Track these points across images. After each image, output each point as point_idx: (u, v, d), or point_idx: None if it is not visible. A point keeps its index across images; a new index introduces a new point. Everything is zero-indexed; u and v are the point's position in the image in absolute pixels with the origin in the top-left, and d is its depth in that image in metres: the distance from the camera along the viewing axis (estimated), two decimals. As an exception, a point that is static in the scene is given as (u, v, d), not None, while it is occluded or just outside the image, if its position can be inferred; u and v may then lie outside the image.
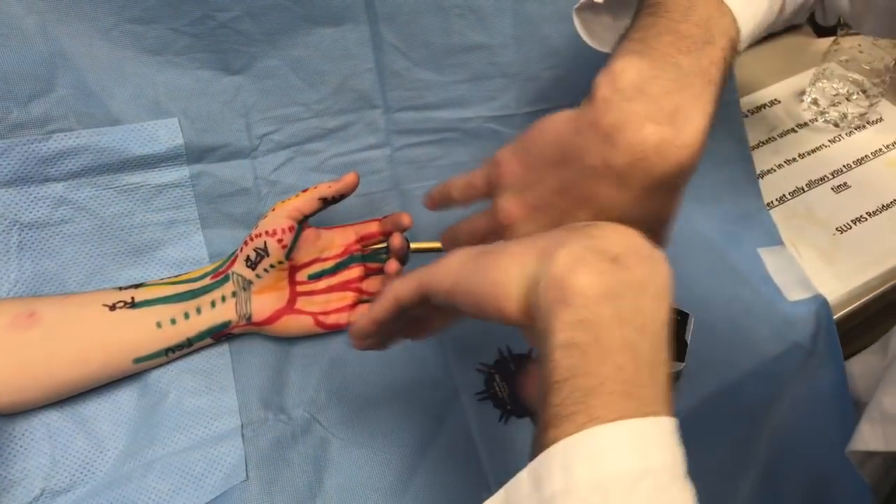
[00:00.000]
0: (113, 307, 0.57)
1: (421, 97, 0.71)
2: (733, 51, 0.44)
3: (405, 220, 0.62)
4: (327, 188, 0.60)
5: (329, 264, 0.64)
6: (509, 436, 0.62)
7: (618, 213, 0.42)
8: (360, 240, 0.65)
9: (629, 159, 0.40)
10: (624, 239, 0.37)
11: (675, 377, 0.63)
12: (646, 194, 0.41)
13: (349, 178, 0.61)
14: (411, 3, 0.66)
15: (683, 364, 0.62)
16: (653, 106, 0.40)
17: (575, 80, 0.72)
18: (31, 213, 0.59)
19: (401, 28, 0.67)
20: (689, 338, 0.64)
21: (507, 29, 0.69)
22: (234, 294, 0.60)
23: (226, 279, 0.60)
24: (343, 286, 0.64)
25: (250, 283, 0.60)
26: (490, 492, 0.34)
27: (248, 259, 0.60)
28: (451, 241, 0.53)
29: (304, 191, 0.61)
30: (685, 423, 0.61)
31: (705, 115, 0.40)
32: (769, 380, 0.66)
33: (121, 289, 0.59)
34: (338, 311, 0.64)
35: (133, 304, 0.58)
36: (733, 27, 0.44)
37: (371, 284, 0.65)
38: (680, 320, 0.65)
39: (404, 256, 0.64)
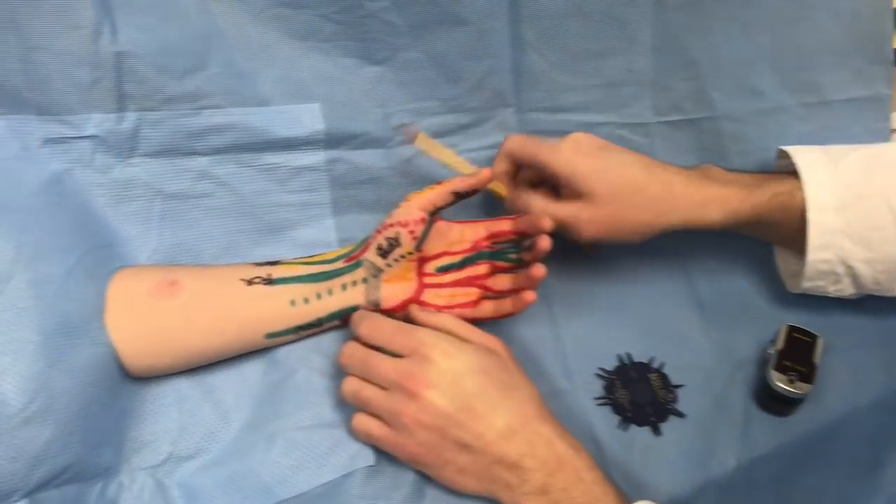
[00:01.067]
0: (250, 282, 0.58)
1: (554, 99, 0.71)
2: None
3: (545, 223, 0.60)
4: (461, 182, 0.60)
5: (457, 258, 0.64)
6: (627, 443, 0.61)
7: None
8: (491, 236, 0.65)
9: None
10: None
11: (802, 400, 0.62)
12: None
13: (483, 174, 0.61)
14: (554, 6, 0.66)
15: (812, 386, 0.61)
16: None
17: (711, 94, 0.71)
18: (174, 184, 0.61)
19: (542, 30, 0.67)
20: (817, 360, 0.63)
21: (647, 38, 0.69)
22: (364, 280, 0.61)
23: (357, 265, 0.61)
24: (469, 282, 0.64)
25: (380, 271, 0.61)
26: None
27: (379, 248, 0.60)
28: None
29: (438, 183, 0.61)
30: (809, 446, 0.60)
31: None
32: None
33: (257, 264, 0.61)
34: (462, 306, 0.64)
35: (269, 281, 0.59)
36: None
37: (498, 282, 0.64)
38: (809, 342, 0.64)
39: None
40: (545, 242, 0.59)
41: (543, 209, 0.61)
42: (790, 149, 0.66)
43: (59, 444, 0.48)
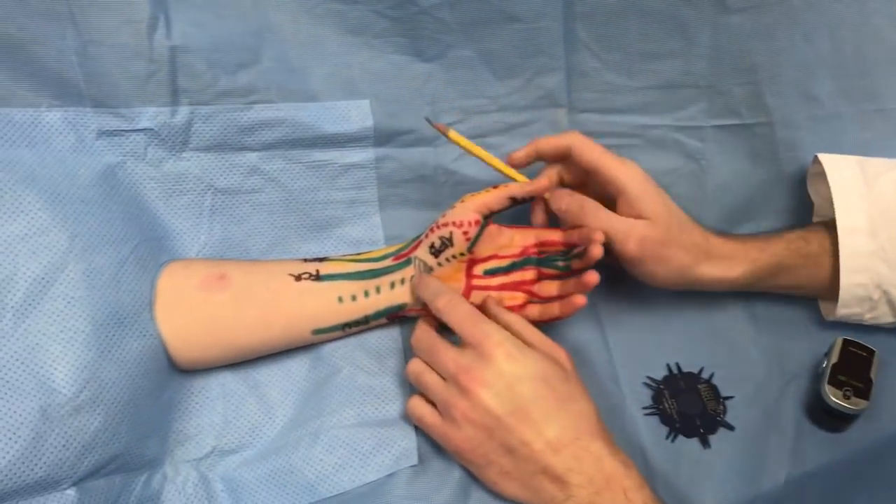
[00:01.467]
0: (298, 278, 0.58)
1: (607, 100, 0.70)
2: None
3: (598, 236, 0.59)
4: (519, 188, 0.61)
5: (505, 262, 0.64)
6: (675, 455, 0.60)
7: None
8: (540, 244, 0.64)
9: None
10: None
11: (857, 416, 0.60)
12: None
13: (542, 183, 0.61)
14: (611, 5, 0.65)
15: (868, 402, 0.59)
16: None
17: (767, 99, 0.70)
18: (225, 179, 0.61)
19: (597, 29, 0.66)
20: (874, 376, 0.61)
21: (706, 40, 0.67)
22: (412, 278, 0.61)
23: (407, 262, 0.61)
24: (515, 286, 0.64)
25: (431, 269, 0.61)
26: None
27: (432, 246, 0.60)
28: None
29: (495, 187, 0.61)
30: (862, 464, 0.59)
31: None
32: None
33: (305, 260, 0.61)
34: (508, 308, 0.63)
35: (318, 277, 0.59)
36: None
37: (544, 288, 0.63)
38: (866, 357, 0.62)
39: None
40: (597, 250, 0.58)
41: (597, 214, 0.59)
42: (825, 159, 0.65)
43: (108, 434, 0.48)
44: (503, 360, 0.52)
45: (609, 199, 0.61)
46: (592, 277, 0.58)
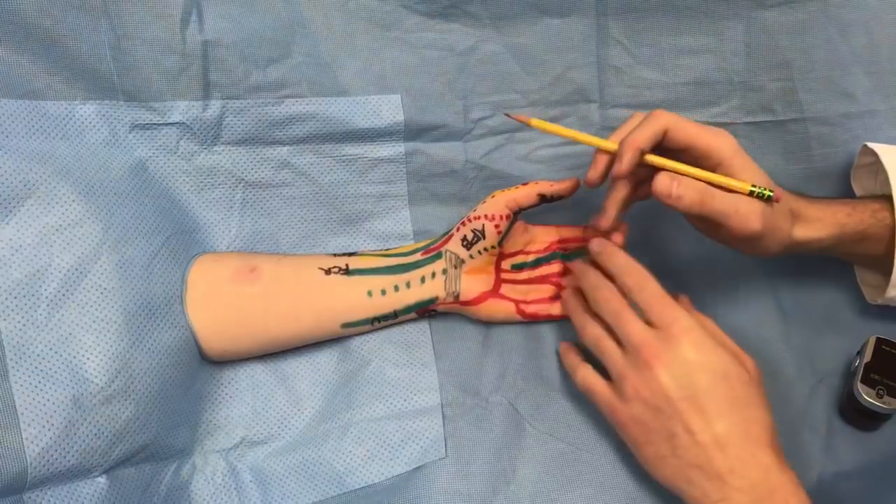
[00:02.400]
0: (328, 271, 0.59)
1: (639, 95, 0.69)
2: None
3: (618, 238, 0.59)
4: (549, 186, 0.60)
5: (530, 258, 0.65)
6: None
7: None
8: (562, 241, 0.66)
9: None
10: None
11: (891, 415, 0.59)
12: None
13: (570, 183, 0.60)
14: (644, 0, 0.65)
15: (902, 403, 0.58)
16: None
17: (802, 96, 0.69)
18: (256, 172, 0.62)
19: (629, 24, 0.66)
20: (907, 375, 0.60)
21: (740, 35, 0.67)
22: (444, 271, 0.61)
23: (438, 256, 0.61)
24: (542, 279, 0.65)
25: (462, 262, 0.61)
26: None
27: (464, 238, 0.60)
28: None
29: (525, 184, 0.61)
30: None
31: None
32: None
33: (335, 255, 0.61)
34: (537, 301, 0.64)
35: (347, 272, 0.59)
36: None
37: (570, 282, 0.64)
38: (897, 355, 0.61)
39: None
40: (619, 238, 0.60)
41: (722, 198, 0.54)
42: (877, 147, 0.63)
43: (139, 423, 0.49)
44: (689, 345, 0.51)
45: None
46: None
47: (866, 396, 0.59)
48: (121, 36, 0.55)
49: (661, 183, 0.53)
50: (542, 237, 0.66)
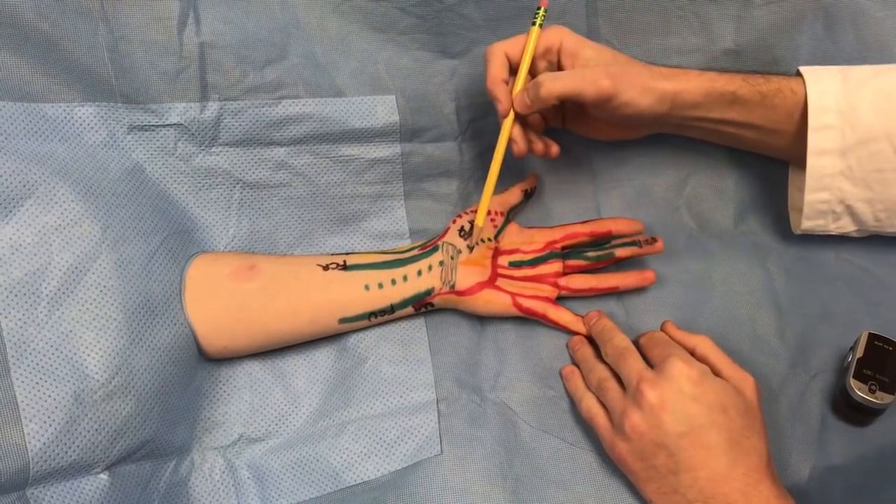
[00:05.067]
0: (326, 267, 0.60)
1: (629, 94, 0.70)
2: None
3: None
4: (526, 183, 0.70)
5: (528, 257, 0.66)
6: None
7: None
8: (566, 238, 0.67)
9: None
10: None
11: (883, 410, 0.60)
12: None
13: (532, 175, 0.71)
14: (633, 0, 0.65)
15: (894, 397, 0.59)
16: None
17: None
18: (253, 173, 0.62)
19: (618, 24, 0.67)
20: (900, 370, 0.61)
21: (729, 35, 0.68)
22: (440, 263, 0.62)
23: (434, 249, 0.63)
24: (539, 278, 0.66)
25: (459, 252, 0.63)
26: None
27: (461, 229, 0.63)
28: None
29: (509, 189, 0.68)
30: (888, 459, 0.58)
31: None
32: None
33: (333, 255, 0.62)
34: (533, 297, 0.64)
35: (345, 267, 0.60)
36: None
37: (573, 281, 0.66)
38: (891, 351, 0.61)
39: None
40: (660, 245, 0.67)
41: (554, 79, 0.58)
42: (806, 71, 0.62)
43: (139, 420, 0.49)
44: (685, 382, 0.53)
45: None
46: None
47: (859, 392, 0.59)
48: (118, 38, 0.55)
49: (518, 101, 0.60)
50: (539, 238, 0.68)
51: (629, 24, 0.67)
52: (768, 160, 0.70)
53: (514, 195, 0.68)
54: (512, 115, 0.61)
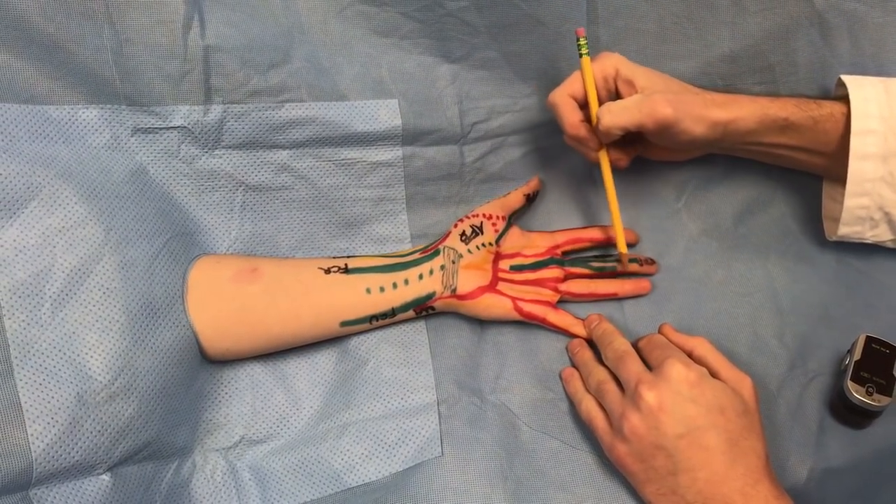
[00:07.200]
0: (328, 270, 0.60)
1: (628, 100, 0.71)
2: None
3: (631, 236, 0.64)
4: (528, 188, 0.70)
5: (528, 261, 0.67)
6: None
7: None
8: (567, 242, 0.69)
9: None
10: None
11: (880, 413, 0.60)
12: None
13: (535, 179, 0.72)
14: (631, 8, 0.66)
15: (891, 399, 0.59)
16: None
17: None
18: (256, 176, 0.62)
19: (617, 31, 0.67)
20: (896, 372, 0.61)
21: (724, 41, 0.68)
22: (441, 267, 0.63)
23: (436, 253, 0.63)
24: (539, 283, 0.66)
25: (461, 256, 0.63)
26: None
27: (463, 233, 0.64)
28: None
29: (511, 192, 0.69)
30: (886, 461, 0.59)
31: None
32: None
33: (335, 258, 0.63)
34: (534, 301, 0.64)
35: (346, 270, 0.60)
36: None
37: (573, 286, 0.67)
38: (888, 354, 0.62)
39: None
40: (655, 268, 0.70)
41: (612, 107, 0.60)
42: (849, 80, 0.63)
43: (141, 421, 0.50)
44: (683, 384, 0.53)
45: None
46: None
47: (856, 394, 0.59)
48: (123, 41, 0.56)
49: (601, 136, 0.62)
50: (540, 242, 0.69)
51: (627, 31, 0.68)
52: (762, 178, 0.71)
53: (516, 199, 0.69)
54: (604, 148, 0.64)
